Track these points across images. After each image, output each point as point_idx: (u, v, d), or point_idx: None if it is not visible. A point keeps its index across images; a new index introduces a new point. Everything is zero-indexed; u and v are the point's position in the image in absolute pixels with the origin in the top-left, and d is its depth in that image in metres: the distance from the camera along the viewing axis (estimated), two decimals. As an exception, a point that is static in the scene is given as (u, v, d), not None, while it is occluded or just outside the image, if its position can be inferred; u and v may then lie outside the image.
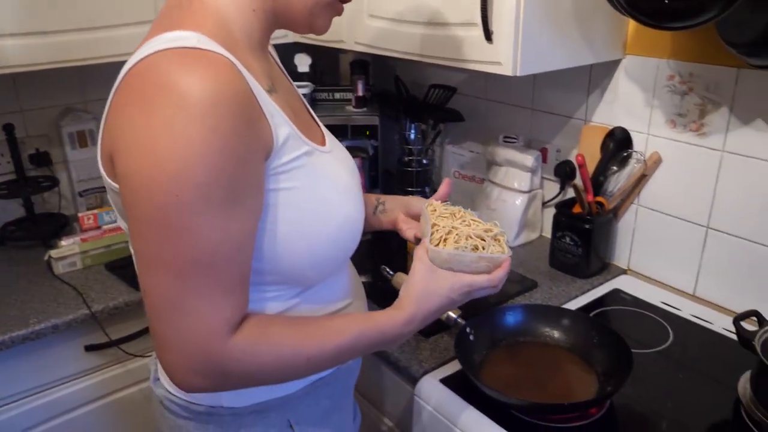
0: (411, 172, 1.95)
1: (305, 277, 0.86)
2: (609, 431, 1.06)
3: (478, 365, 1.18)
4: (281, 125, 0.76)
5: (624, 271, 1.58)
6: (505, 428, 1.06)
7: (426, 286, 0.86)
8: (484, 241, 0.89)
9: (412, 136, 1.91)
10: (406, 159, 1.94)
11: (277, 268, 0.81)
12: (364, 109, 1.97)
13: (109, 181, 0.76)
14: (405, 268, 1.27)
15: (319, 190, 0.82)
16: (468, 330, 1.21)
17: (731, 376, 1.14)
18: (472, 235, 0.89)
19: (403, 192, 1.99)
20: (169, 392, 0.91)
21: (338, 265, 0.91)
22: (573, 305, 1.42)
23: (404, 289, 0.87)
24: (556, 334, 1.25)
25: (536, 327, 1.26)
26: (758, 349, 1.04)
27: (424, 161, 1.96)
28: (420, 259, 0.88)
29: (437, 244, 0.88)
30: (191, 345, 0.71)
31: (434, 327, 1.30)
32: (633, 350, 1.13)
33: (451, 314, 1.24)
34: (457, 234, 0.89)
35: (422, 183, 1.98)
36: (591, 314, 1.38)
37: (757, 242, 1.30)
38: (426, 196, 1.98)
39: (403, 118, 1.90)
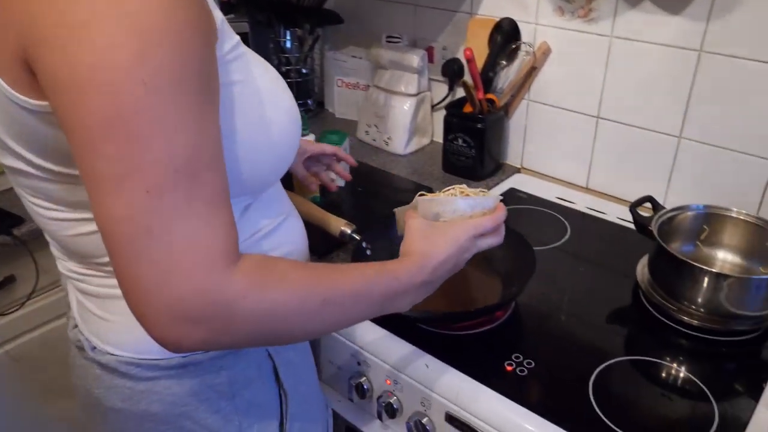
0: (290, 84, 1.80)
1: (263, 181, 0.74)
2: (515, 332, 1.04)
3: (379, 280, 1.11)
4: (214, 8, 0.62)
5: (518, 170, 1.54)
6: (413, 343, 1.00)
7: (427, 235, 0.78)
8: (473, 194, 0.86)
9: (288, 44, 1.76)
10: (284, 69, 1.79)
11: (238, 177, 0.67)
12: (231, 15, 1.78)
13: (19, 96, 0.56)
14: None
15: (261, 79, 0.69)
16: (364, 245, 1.13)
17: (629, 264, 1.14)
18: (458, 191, 0.86)
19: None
20: (122, 355, 0.74)
21: (289, 163, 0.79)
22: (470, 209, 1.37)
23: (404, 245, 0.78)
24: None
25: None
26: (655, 232, 1.04)
27: (304, 70, 1.81)
28: (411, 217, 0.81)
29: None
30: (182, 283, 0.54)
31: (329, 245, 1.22)
32: (535, 247, 1.09)
33: (345, 229, 1.15)
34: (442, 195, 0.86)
35: (304, 95, 1.84)
36: (489, 216, 1.34)
37: (646, 128, 1.29)
38: (309, 109, 1.85)
39: (276, 24, 1.73)
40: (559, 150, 1.45)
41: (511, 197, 1.42)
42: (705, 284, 0.97)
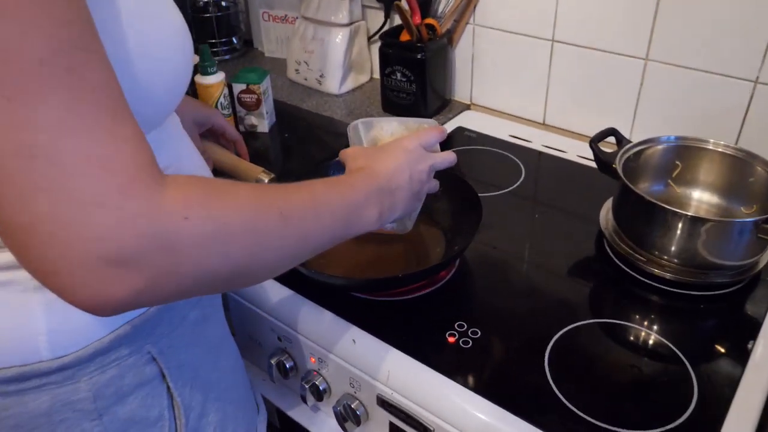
0: (209, 19, 1.58)
1: (162, 110, 0.60)
2: (459, 295, 0.88)
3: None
4: None
5: (467, 107, 1.37)
6: (339, 313, 0.84)
7: (369, 154, 0.73)
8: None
9: (203, -29, 1.53)
10: (201, 2, 1.57)
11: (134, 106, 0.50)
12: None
13: None
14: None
15: None
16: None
17: (592, 208, 0.99)
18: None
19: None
20: None
21: (180, 94, 0.64)
22: (411, 152, 1.20)
23: (347, 171, 0.73)
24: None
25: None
26: (619, 171, 0.87)
27: (224, 3, 1.59)
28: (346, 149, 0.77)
29: None
30: (96, 214, 0.40)
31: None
32: (483, 194, 0.94)
33: (262, 177, 0.97)
34: None
35: (226, 31, 1.62)
36: (432, 160, 1.17)
37: (608, 50, 1.12)
38: (234, 48, 1.63)
39: (187, -53, 1.50)
40: (511, 82, 1.27)
41: (458, 138, 1.25)
42: (678, 230, 0.82)
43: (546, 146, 1.19)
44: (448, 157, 0.79)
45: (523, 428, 0.68)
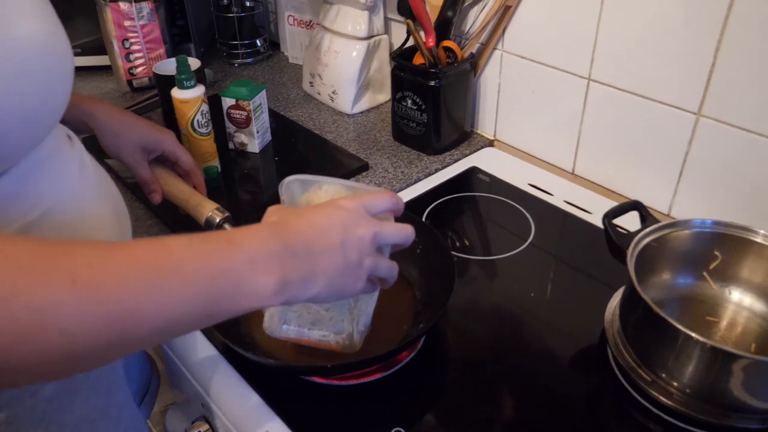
0: (231, 20, 1.47)
1: (18, 144, 0.49)
2: (413, 386, 0.71)
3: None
4: None
5: (490, 143, 1.18)
6: (262, 392, 0.70)
7: (291, 210, 0.56)
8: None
9: (226, -33, 1.41)
10: (224, 1, 1.45)
11: None
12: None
13: None
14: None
15: None
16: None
17: (604, 294, 0.80)
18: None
19: (227, 48, 1.51)
20: None
21: (54, 117, 0.53)
22: (410, 193, 1.04)
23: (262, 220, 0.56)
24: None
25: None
26: (630, 263, 0.68)
27: (248, 3, 1.47)
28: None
29: None
30: None
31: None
32: (477, 257, 0.77)
33: (214, 216, 0.83)
34: None
35: (250, 33, 1.50)
36: (432, 205, 1.00)
37: (653, 99, 0.91)
38: (257, 52, 1.51)
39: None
40: (540, 121, 1.08)
41: (470, 180, 1.07)
42: (695, 359, 0.62)
43: (568, 202, 1.00)
44: (404, 230, 0.59)
45: None
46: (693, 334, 0.60)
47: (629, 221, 0.77)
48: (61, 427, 0.57)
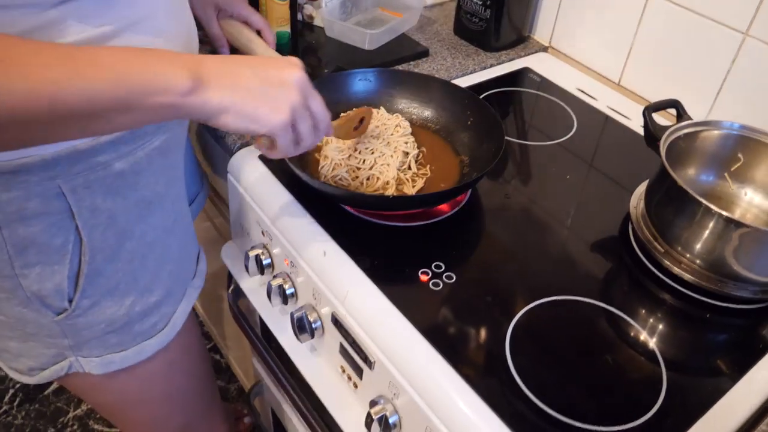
0: None
1: None
2: (452, 235, 0.81)
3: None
4: None
5: (545, 48, 1.25)
6: (322, 223, 0.81)
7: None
8: None
9: None
10: None
11: None
12: None
13: None
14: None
15: None
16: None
17: (633, 185, 0.88)
18: None
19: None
20: None
21: None
22: (465, 82, 1.11)
23: None
24: (423, 110, 0.96)
25: (396, 99, 0.96)
26: (662, 149, 0.77)
27: None
28: None
29: None
30: None
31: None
32: (521, 141, 0.85)
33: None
34: None
35: None
36: (484, 95, 1.08)
37: (705, 15, 0.97)
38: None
39: None
40: (596, 31, 1.14)
41: (521, 79, 1.15)
42: (708, 229, 0.71)
43: (611, 108, 1.08)
44: (325, 110, 0.65)
45: (459, 387, 0.63)
46: (709, 204, 0.69)
47: (665, 119, 0.85)
48: (125, 199, 0.67)
